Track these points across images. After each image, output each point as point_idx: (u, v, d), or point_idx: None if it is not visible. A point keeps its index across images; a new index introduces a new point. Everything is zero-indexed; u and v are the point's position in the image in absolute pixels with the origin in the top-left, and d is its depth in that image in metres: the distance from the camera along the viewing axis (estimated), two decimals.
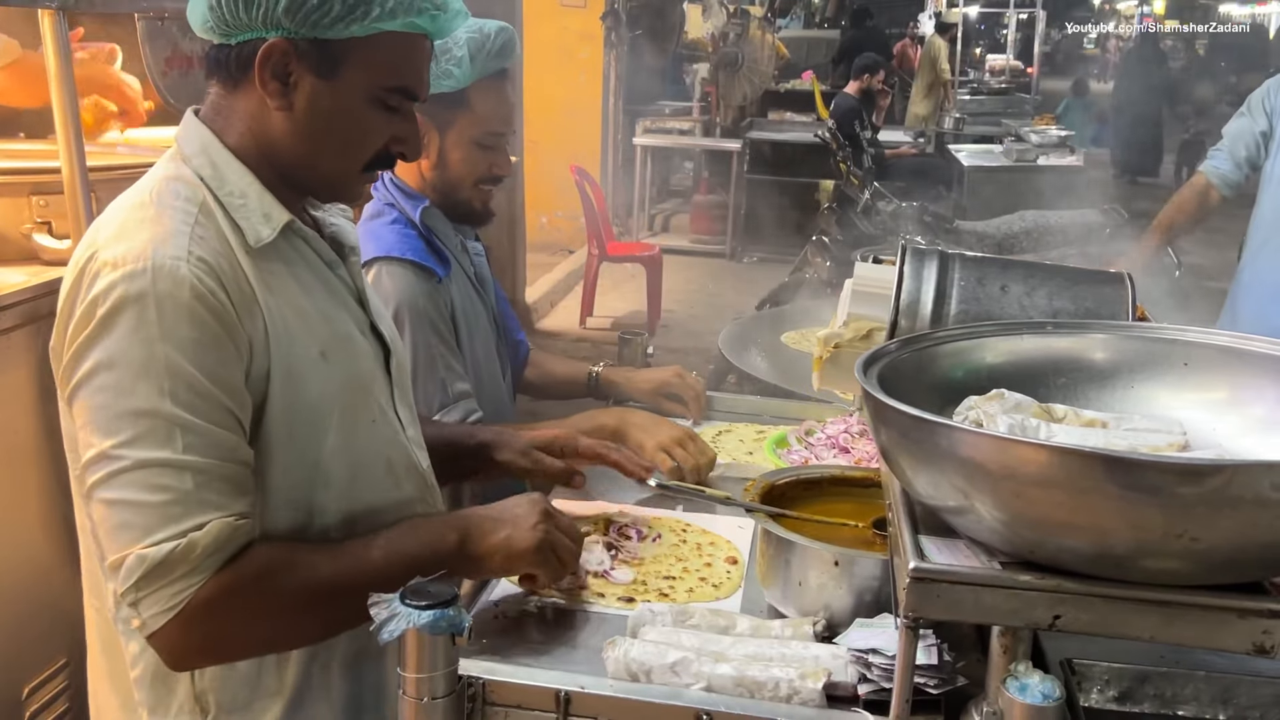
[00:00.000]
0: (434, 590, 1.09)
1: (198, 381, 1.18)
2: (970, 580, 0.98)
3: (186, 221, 1.24)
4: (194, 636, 1.19)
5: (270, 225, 1.29)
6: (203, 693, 1.30)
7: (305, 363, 1.28)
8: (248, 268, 1.25)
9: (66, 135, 1.83)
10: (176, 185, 1.28)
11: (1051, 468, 0.91)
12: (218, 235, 1.25)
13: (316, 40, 1.25)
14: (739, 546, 1.63)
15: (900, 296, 1.37)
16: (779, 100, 11.22)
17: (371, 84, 1.29)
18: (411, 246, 1.92)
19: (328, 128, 1.30)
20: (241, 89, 1.30)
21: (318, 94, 1.28)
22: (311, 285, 1.34)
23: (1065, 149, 7.97)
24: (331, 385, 1.31)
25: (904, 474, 1.06)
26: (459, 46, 1.88)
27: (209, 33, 1.28)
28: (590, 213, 7.28)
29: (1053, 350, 1.26)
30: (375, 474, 1.38)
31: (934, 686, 1.13)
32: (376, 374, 1.41)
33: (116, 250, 1.20)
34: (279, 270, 1.30)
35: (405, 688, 1.10)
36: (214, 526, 1.18)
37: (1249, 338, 1.19)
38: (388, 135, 1.33)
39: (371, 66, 1.28)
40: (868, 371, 1.13)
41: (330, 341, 1.32)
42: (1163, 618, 0.95)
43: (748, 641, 1.25)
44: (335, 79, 1.28)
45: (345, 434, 1.33)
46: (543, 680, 1.17)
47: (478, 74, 1.91)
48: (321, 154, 1.32)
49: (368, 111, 1.30)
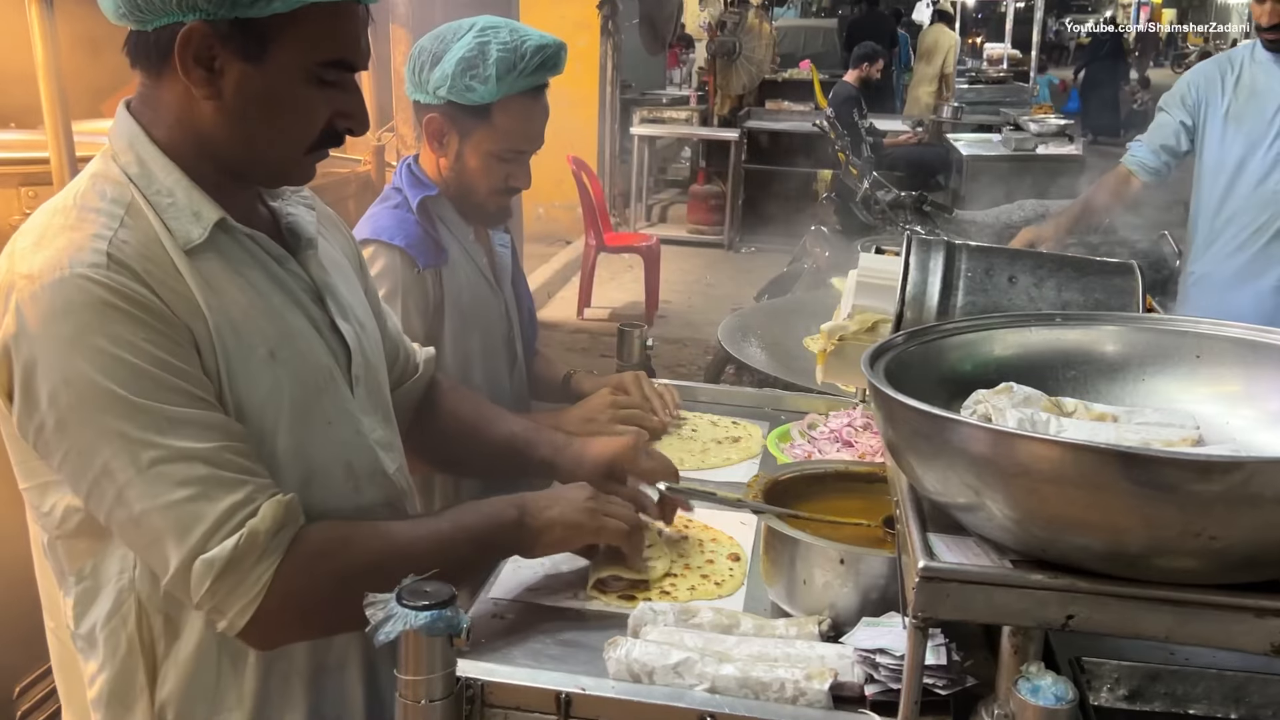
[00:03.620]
0: (431, 590, 1.07)
1: (158, 375, 1.13)
2: (981, 580, 0.96)
3: (110, 225, 1.17)
4: (286, 615, 1.20)
5: (201, 224, 1.21)
6: (162, 707, 1.27)
7: (253, 363, 1.23)
8: (184, 269, 1.19)
9: (54, 124, 1.80)
10: (103, 186, 1.22)
11: (1066, 464, 0.88)
12: (147, 238, 1.18)
13: (238, 20, 1.16)
14: (741, 543, 1.60)
15: (906, 288, 1.35)
16: (777, 89, 11.17)
17: (304, 61, 1.20)
18: (403, 232, 1.89)
19: (263, 113, 1.21)
20: (165, 78, 1.21)
21: (247, 79, 1.19)
22: (258, 282, 1.27)
23: (1064, 138, 7.94)
24: (281, 386, 1.25)
25: (912, 470, 1.04)
26: (487, 64, 1.81)
27: (123, 19, 1.20)
28: (587, 203, 7.25)
29: (1062, 342, 1.24)
30: (333, 478, 1.32)
31: (943, 687, 1.11)
32: (334, 374, 1.34)
33: (33, 262, 1.13)
34: (218, 269, 1.22)
35: (402, 690, 1.08)
36: (267, 508, 1.16)
37: (1263, 330, 1.17)
38: (330, 112, 1.25)
39: (302, 43, 1.19)
40: (874, 365, 1.10)
41: (278, 340, 1.26)
42: (1178, 617, 0.93)
43: (752, 641, 1.22)
44: (264, 61, 1.18)
45: (297, 436, 1.27)
46: (543, 681, 1.15)
47: (504, 92, 1.84)
48: (260, 141, 1.23)
49: (304, 91, 1.22)
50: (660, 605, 1.29)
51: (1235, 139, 3.27)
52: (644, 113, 9.91)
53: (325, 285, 1.37)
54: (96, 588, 1.25)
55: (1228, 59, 3.39)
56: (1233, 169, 3.27)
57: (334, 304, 1.37)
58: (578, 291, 7.39)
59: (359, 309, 1.45)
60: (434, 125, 1.91)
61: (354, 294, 1.46)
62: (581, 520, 1.42)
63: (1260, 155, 3.22)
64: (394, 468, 1.43)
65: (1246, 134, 3.24)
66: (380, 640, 1.04)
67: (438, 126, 1.91)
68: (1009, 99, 11.19)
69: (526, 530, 1.40)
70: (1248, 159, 3.24)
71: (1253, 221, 3.25)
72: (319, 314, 1.34)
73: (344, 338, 1.36)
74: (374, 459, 1.38)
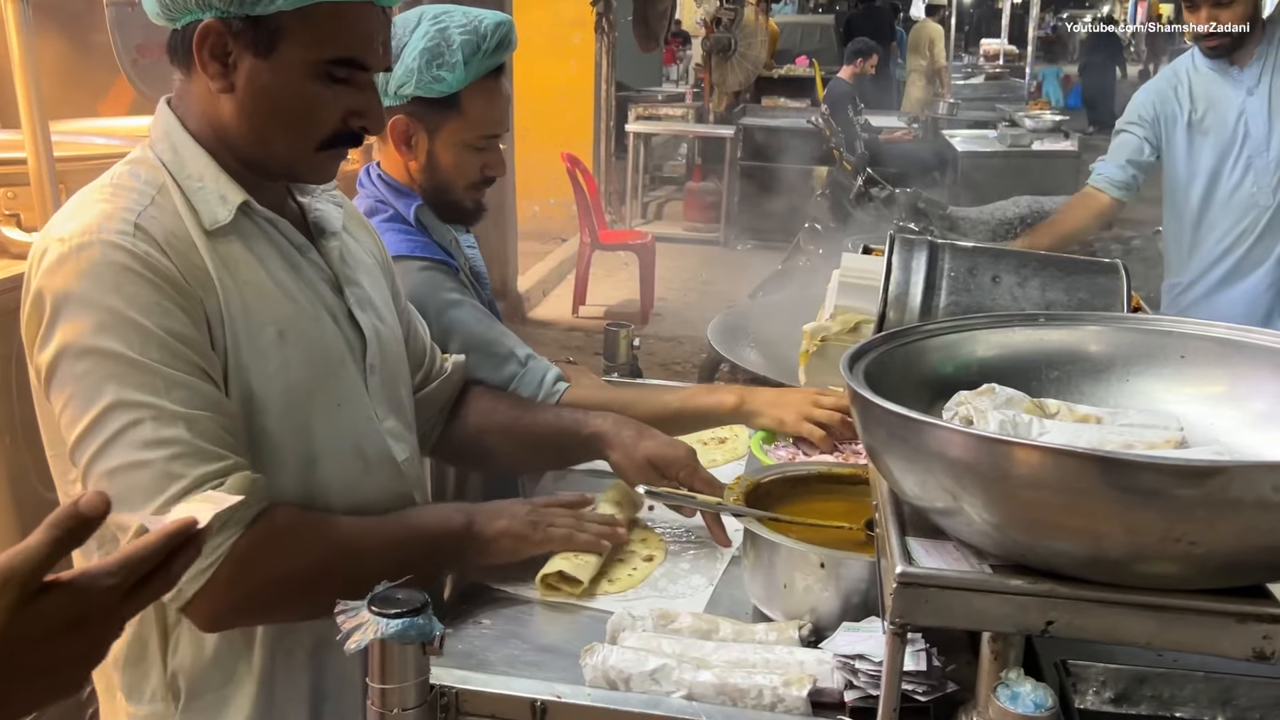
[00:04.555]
0: (403, 598, 1.05)
1: (165, 340, 1.19)
2: (960, 585, 0.95)
3: (140, 202, 1.25)
4: (232, 595, 1.21)
5: (226, 206, 1.29)
6: (174, 676, 1.31)
7: (262, 340, 1.29)
8: (204, 248, 1.26)
9: (31, 124, 1.78)
10: (137, 169, 1.30)
11: (1044, 469, 0.87)
12: (173, 216, 1.26)
13: (250, 18, 1.22)
14: (668, 546, 1.60)
15: (889, 288, 1.34)
16: (773, 86, 11.15)
17: (311, 57, 1.25)
18: (419, 245, 1.86)
19: (272, 108, 1.27)
20: (193, 73, 1.28)
21: (257, 73, 1.25)
22: (275, 266, 1.33)
23: (1059, 134, 7.93)
24: (288, 365, 1.31)
25: (891, 474, 1.03)
26: (452, 50, 1.78)
27: (158, 18, 1.27)
28: (582, 201, 7.24)
29: (1046, 343, 1.23)
30: (341, 458, 1.37)
31: (922, 694, 1.10)
32: (347, 360, 1.39)
33: (66, 228, 1.22)
34: (238, 249, 1.30)
35: (374, 699, 1.06)
36: (234, 481, 1.19)
37: (1247, 330, 1.15)
38: (341, 110, 1.29)
39: (309, 40, 1.24)
40: (853, 367, 1.09)
41: (290, 321, 1.32)
42: (1159, 623, 0.92)
43: (730, 647, 1.21)
44: (273, 56, 1.24)
45: (304, 415, 1.32)
46: (518, 689, 1.14)
47: (472, 76, 1.81)
48: (270, 134, 1.29)
49: (312, 87, 1.27)
50: (639, 610, 1.28)
51: (1203, 149, 3.31)
52: (640, 110, 9.90)
53: (345, 276, 1.42)
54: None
55: (1172, 72, 3.43)
56: (1206, 178, 3.31)
57: (352, 294, 1.43)
58: (573, 289, 7.37)
59: (380, 304, 1.50)
60: (400, 127, 1.85)
61: (377, 291, 1.51)
62: (527, 532, 1.45)
63: (1231, 162, 3.26)
64: (403, 457, 1.48)
65: (1213, 143, 3.28)
66: (351, 649, 1.03)
67: (404, 127, 1.85)
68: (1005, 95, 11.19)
69: (474, 539, 1.42)
70: (1220, 167, 3.28)
71: (1234, 226, 3.29)
72: (336, 302, 1.40)
73: (360, 326, 1.42)
74: (384, 445, 1.44)
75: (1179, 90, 3.34)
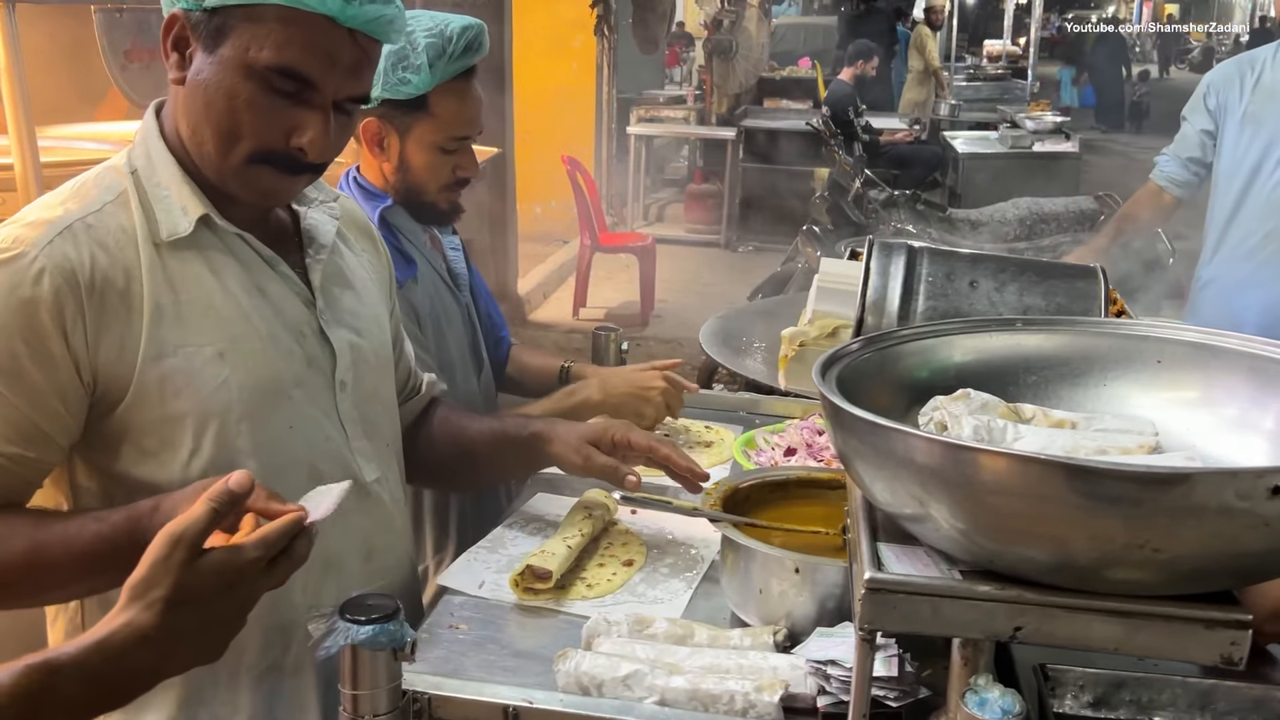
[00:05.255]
0: (374, 604, 1.06)
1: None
2: (928, 591, 0.95)
3: (88, 209, 1.24)
4: None
5: (187, 219, 1.27)
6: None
7: (196, 360, 1.25)
8: (146, 261, 1.24)
9: (18, 129, 1.79)
10: (104, 174, 1.29)
11: (1006, 475, 0.87)
12: (119, 228, 1.24)
13: (206, 10, 1.21)
14: (647, 549, 1.61)
15: (866, 293, 1.33)
16: (775, 88, 11.14)
17: (250, 59, 1.20)
18: None
19: (205, 102, 1.23)
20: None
21: (200, 67, 1.23)
22: (232, 281, 1.30)
23: (1060, 135, 7.92)
24: (229, 385, 1.27)
25: (861, 480, 1.03)
26: (417, 53, 1.80)
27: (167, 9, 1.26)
28: (582, 203, 7.23)
29: (1023, 348, 1.22)
30: (294, 479, 1.30)
31: (893, 699, 1.10)
32: (305, 379, 1.35)
33: (3, 231, 1.23)
34: (192, 265, 1.27)
35: (346, 705, 1.07)
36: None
37: (1221, 334, 1.15)
38: (282, 125, 1.24)
39: (251, 41, 1.20)
40: (826, 374, 1.09)
41: (233, 342, 1.28)
42: (1127, 629, 0.92)
43: (705, 652, 1.21)
44: (216, 51, 1.22)
45: (253, 435, 1.29)
46: (489, 695, 1.14)
47: (438, 79, 1.82)
48: (201, 134, 1.25)
49: (244, 88, 1.22)
50: (614, 616, 1.28)
51: (1252, 142, 3.15)
52: (641, 112, 9.89)
53: (322, 290, 1.39)
54: None
55: (1249, 59, 3.26)
56: (1248, 173, 3.15)
57: (328, 309, 1.39)
58: (573, 292, 7.37)
59: (367, 319, 1.47)
60: (371, 129, 1.87)
61: (365, 305, 1.48)
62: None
63: (1276, 158, 3.10)
64: (373, 477, 1.43)
65: (1263, 137, 3.12)
66: (321, 655, 1.03)
67: (375, 129, 1.87)
68: (1008, 96, 11.17)
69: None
70: (1263, 163, 3.13)
71: (1260, 227, 3.14)
72: (305, 316, 1.36)
73: (330, 343, 1.38)
74: (346, 465, 1.38)
75: (1246, 78, 3.18)
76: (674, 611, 1.41)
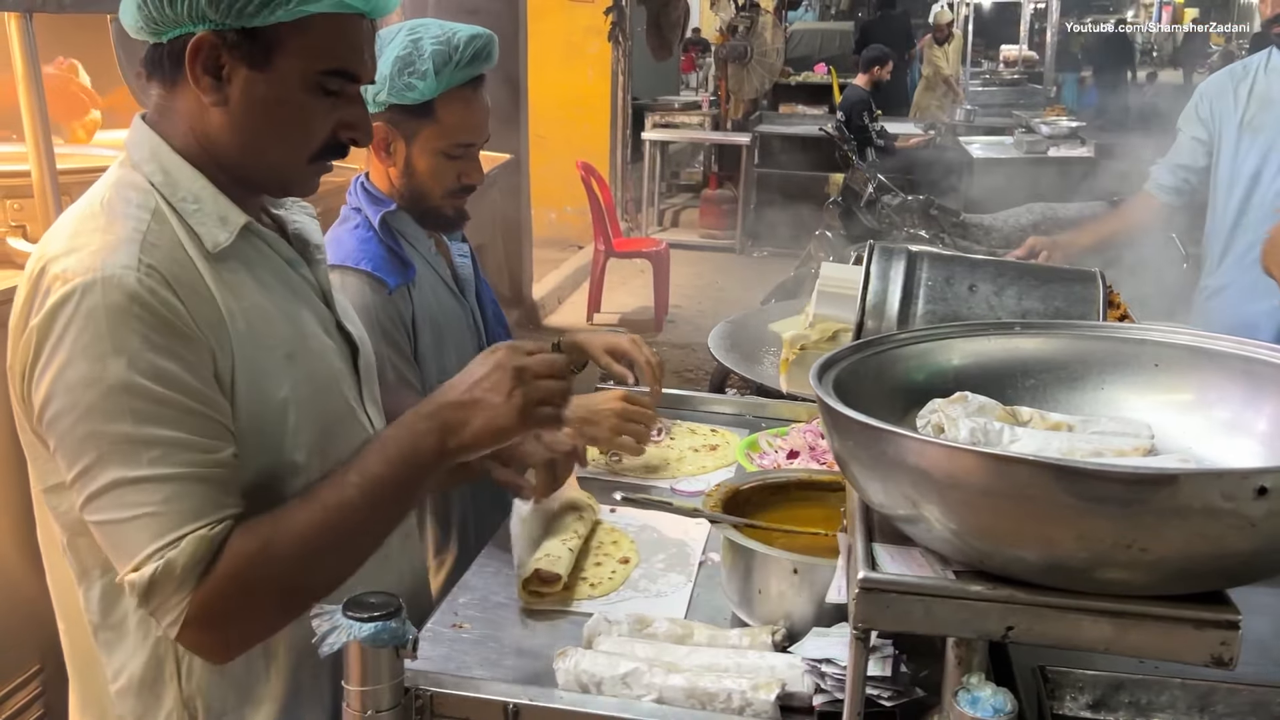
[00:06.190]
0: (376, 601, 1.08)
1: (155, 392, 1.15)
2: (920, 591, 0.96)
3: (139, 229, 1.21)
4: (213, 636, 1.19)
5: (227, 229, 1.26)
6: (190, 698, 1.29)
7: (271, 364, 1.27)
8: (206, 273, 1.23)
9: (35, 138, 1.82)
10: (128, 192, 1.25)
11: (995, 477, 0.88)
12: (172, 242, 1.22)
13: (245, 30, 1.21)
14: (640, 548, 1.62)
15: (866, 297, 1.35)
16: (790, 93, 11.14)
17: (307, 70, 1.24)
18: (368, 254, 1.88)
19: (267, 120, 1.26)
20: (179, 88, 1.26)
21: (252, 85, 1.23)
22: (273, 286, 1.32)
23: (1076, 140, 7.89)
24: (300, 385, 1.29)
25: (857, 481, 1.04)
26: (423, 59, 1.82)
27: (140, 33, 1.25)
28: (596, 209, 7.26)
29: (1020, 351, 1.23)
30: None
31: (888, 698, 1.11)
32: (344, 372, 1.40)
33: (66, 263, 1.18)
34: (239, 273, 1.27)
35: (349, 701, 1.08)
36: (189, 543, 1.15)
37: (1216, 337, 1.16)
38: (333, 121, 1.29)
39: (305, 52, 1.23)
40: (823, 377, 1.10)
41: (295, 342, 1.31)
42: (1117, 628, 0.93)
43: (703, 651, 1.22)
44: (268, 68, 1.23)
45: (317, 432, 1.31)
46: (490, 692, 1.15)
47: (444, 86, 1.85)
48: (264, 147, 1.28)
49: (306, 99, 1.26)
50: (614, 615, 1.29)
51: (1250, 150, 3.14)
52: (656, 118, 9.91)
53: (331, 287, 1.43)
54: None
55: (1241, 67, 3.25)
56: (1248, 181, 3.15)
57: (339, 305, 1.43)
58: (588, 297, 7.40)
59: (354, 315, 1.51)
60: (379, 134, 1.88)
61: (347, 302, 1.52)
62: (511, 425, 1.30)
63: (1276, 166, 3.10)
64: None
65: (1261, 145, 3.12)
66: (324, 651, 1.05)
67: (383, 134, 1.89)
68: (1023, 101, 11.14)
69: (450, 453, 1.29)
70: (1263, 170, 3.12)
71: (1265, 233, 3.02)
72: (327, 315, 1.40)
73: (350, 337, 1.43)
74: None
75: (1240, 87, 3.17)
76: (679, 606, 1.44)
